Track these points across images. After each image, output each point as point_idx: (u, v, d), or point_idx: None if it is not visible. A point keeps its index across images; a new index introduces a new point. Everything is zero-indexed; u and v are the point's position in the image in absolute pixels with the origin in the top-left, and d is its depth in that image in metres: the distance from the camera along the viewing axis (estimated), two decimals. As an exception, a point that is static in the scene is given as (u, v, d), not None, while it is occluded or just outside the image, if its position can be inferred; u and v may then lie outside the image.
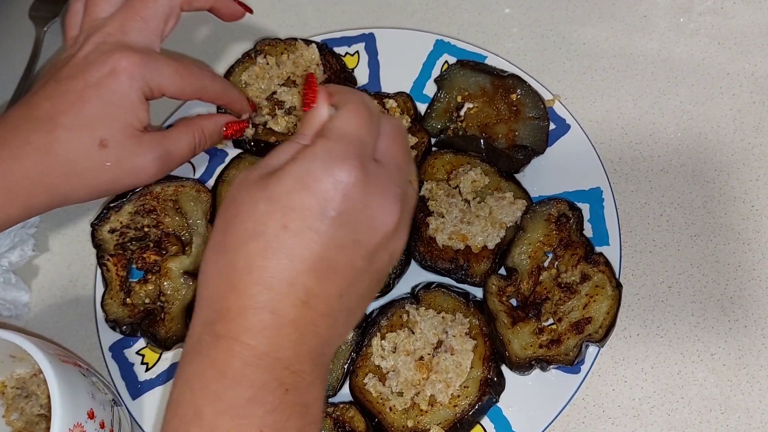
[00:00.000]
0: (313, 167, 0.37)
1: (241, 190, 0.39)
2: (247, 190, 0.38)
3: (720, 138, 0.65)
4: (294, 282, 0.37)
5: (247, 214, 0.37)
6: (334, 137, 0.39)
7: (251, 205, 0.37)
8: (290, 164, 0.38)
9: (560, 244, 0.58)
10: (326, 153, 0.38)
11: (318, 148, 0.38)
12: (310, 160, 0.38)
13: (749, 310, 0.59)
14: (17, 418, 0.58)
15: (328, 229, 0.37)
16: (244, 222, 0.37)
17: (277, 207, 0.37)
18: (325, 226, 0.37)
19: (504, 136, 0.64)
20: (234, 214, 0.38)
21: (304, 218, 0.37)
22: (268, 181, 0.38)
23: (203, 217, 0.63)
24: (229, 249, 0.38)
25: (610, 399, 0.57)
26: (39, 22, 0.75)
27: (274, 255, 0.36)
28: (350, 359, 0.57)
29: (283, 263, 0.36)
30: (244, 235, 0.37)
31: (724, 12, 0.70)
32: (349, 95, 0.41)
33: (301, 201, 0.37)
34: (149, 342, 0.59)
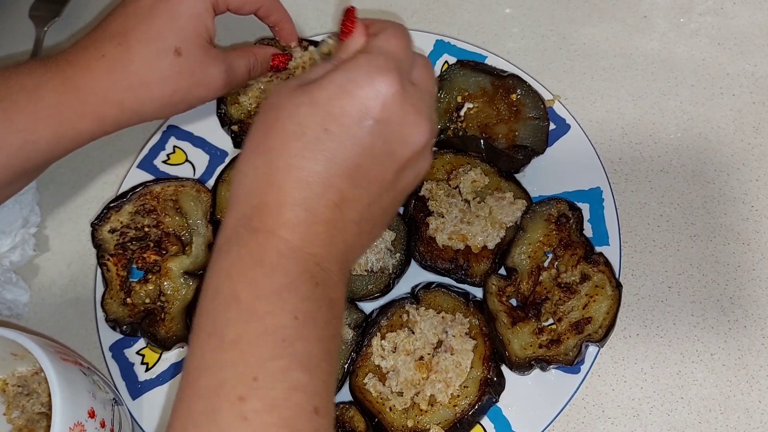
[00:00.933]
0: (356, 75, 0.39)
1: (280, 97, 0.40)
2: (287, 96, 0.40)
3: (720, 138, 0.65)
4: (330, 184, 0.38)
5: (288, 117, 0.39)
6: (375, 52, 0.41)
7: (293, 108, 0.39)
8: (332, 72, 0.40)
9: (560, 244, 0.59)
10: (368, 64, 0.39)
11: (361, 60, 0.40)
12: (353, 69, 0.39)
13: (749, 311, 0.59)
14: (18, 416, 0.58)
15: (366, 136, 0.39)
16: (284, 124, 0.39)
17: (318, 110, 0.38)
18: (363, 132, 0.39)
19: (504, 136, 0.64)
20: (275, 117, 0.40)
21: (343, 123, 0.38)
22: (309, 86, 0.39)
23: (203, 217, 0.63)
24: (269, 149, 0.39)
25: (609, 399, 0.57)
26: (39, 21, 0.74)
27: (314, 156, 0.38)
28: (350, 359, 0.57)
29: (321, 165, 0.38)
30: (285, 135, 0.39)
31: (725, 12, 0.70)
32: (387, 22, 0.44)
33: (342, 106, 0.38)
34: (149, 342, 0.59)
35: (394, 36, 0.42)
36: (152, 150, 0.67)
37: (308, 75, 0.41)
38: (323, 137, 0.38)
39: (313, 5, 0.76)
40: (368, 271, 0.60)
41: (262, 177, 0.39)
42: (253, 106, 0.66)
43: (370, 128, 0.39)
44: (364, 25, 0.43)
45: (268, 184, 0.39)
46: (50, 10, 0.75)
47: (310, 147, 0.38)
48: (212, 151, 0.68)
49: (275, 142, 0.39)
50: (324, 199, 0.38)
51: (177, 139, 0.68)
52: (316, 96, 0.39)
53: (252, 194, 0.39)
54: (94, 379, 0.53)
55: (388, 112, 0.39)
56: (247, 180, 0.40)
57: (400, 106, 0.39)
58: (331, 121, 0.38)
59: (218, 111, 0.66)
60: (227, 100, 0.66)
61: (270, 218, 0.38)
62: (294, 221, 0.38)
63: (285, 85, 0.41)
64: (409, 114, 0.40)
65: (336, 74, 0.39)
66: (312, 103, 0.39)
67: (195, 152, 0.68)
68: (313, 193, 0.38)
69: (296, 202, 0.38)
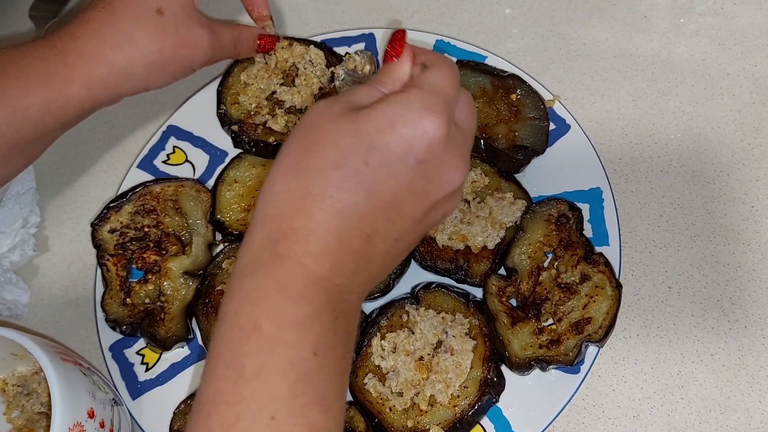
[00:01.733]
0: (406, 112, 0.39)
1: (324, 119, 0.40)
2: (333, 121, 0.39)
3: (720, 138, 0.65)
4: (364, 216, 0.38)
5: (330, 144, 0.38)
6: (427, 90, 0.40)
7: (337, 135, 0.38)
8: (382, 104, 0.39)
9: (560, 244, 0.58)
10: (420, 102, 0.39)
11: (412, 96, 0.40)
12: (404, 105, 0.39)
13: (749, 311, 0.59)
14: (18, 416, 0.58)
15: (406, 173, 0.39)
16: (326, 150, 0.38)
17: (363, 142, 0.38)
18: (404, 169, 0.39)
19: (504, 136, 0.64)
20: (316, 140, 0.39)
21: (387, 159, 0.38)
22: (357, 116, 0.39)
23: (203, 217, 0.63)
24: (306, 173, 0.38)
25: (609, 399, 0.57)
26: (39, 22, 0.74)
27: (351, 188, 0.38)
28: (350, 359, 0.57)
29: (359, 197, 0.38)
30: (325, 163, 0.38)
31: (725, 13, 0.70)
32: (440, 57, 0.44)
33: (387, 142, 0.38)
34: (149, 342, 0.59)
35: (447, 75, 0.42)
36: (152, 150, 0.67)
37: (353, 97, 0.41)
38: (363, 170, 0.38)
39: (313, 5, 0.76)
40: (368, 272, 0.60)
41: (295, 201, 0.38)
42: (252, 105, 0.66)
43: (411, 166, 0.39)
44: (411, 51, 0.43)
45: (301, 209, 0.38)
46: (50, 10, 0.75)
47: (349, 179, 0.38)
48: (212, 151, 0.68)
49: (313, 166, 0.38)
50: (356, 231, 0.38)
51: (177, 139, 0.68)
52: (362, 127, 0.38)
53: (281, 217, 0.38)
54: (93, 379, 0.53)
55: (431, 153, 0.39)
56: (278, 201, 0.39)
57: (443, 148, 0.40)
58: (373, 155, 0.38)
59: (218, 111, 0.66)
60: (227, 100, 0.66)
61: (298, 245, 0.37)
62: (324, 250, 0.37)
63: (329, 105, 0.40)
64: (450, 156, 0.41)
65: (386, 107, 0.39)
66: (357, 133, 0.38)
67: (195, 152, 0.68)
68: (347, 224, 0.38)
69: (329, 231, 0.37)
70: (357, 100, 0.41)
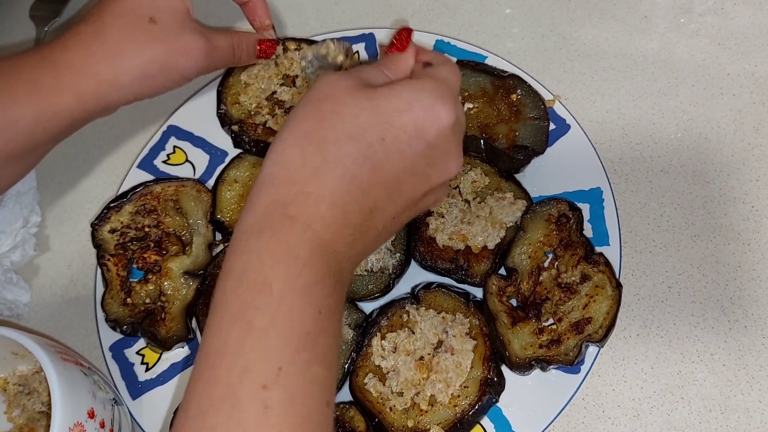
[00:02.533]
0: (423, 97, 0.41)
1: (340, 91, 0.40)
2: (350, 94, 0.40)
3: (720, 138, 0.65)
4: (369, 191, 0.40)
5: (349, 116, 0.39)
6: (440, 80, 0.43)
7: (356, 109, 0.40)
8: (398, 86, 0.41)
9: (560, 244, 0.59)
10: (435, 90, 0.41)
11: (427, 84, 0.42)
12: (420, 90, 0.41)
13: (749, 311, 0.59)
14: (19, 415, 0.58)
15: (414, 155, 0.41)
16: (343, 121, 0.39)
17: (380, 119, 0.40)
18: (413, 151, 0.40)
19: (504, 136, 0.64)
20: (332, 110, 0.40)
21: (399, 138, 0.40)
22: (374, 93, 0.40)
23: (203, 217, 0.63)
24: (322, 140, 0.39)
25: (609, 399, 0.57)
26: (39, 22, 0.75)
27: (363, 161, 0.39)
28: (350, 359, 0.57)
29: (367, 172, 0.39)
30: (342, 133, 0.39)
31: (725, 13, 0.70)
32: (444, 56, 0.47)
33: (403, 121, 0.40)
34: (149, 342, 0.59)
35: (454, 72, 0.45)
36: (152, 150, 0.67)
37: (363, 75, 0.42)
38: (377, 145, 0.39)
39: (313, 5, 0.76)
40: (368, 271, 0.60)
41: (309, 166, 0.39)
42: (252, 105, 0.66)
43: (420, 149, 0.41)
44: (416, 48, 0.46)
45: (314, 175, 0.39)
46: (50, 10, 0.75)
47: (363, 152, 0.39)
48: (212, 151, 0.68)
49: (330, 135, 0.39)
50: (359, 205, 0.39)
51: (177, 139, 0.68)
52: (381, 104, 0.40)
53: (293, 180, 0.39)
54: (94, 379, 0.53)
55: (440, 139, 0.41)
56: (291, 164, 0.39)
57: (450, 137, 0.42)
58: (388, 132, 0.40)
59: (218, 111, 0.66)
60: (227, 100, 0.66)
61: (308, 209, 0.38)
62: (330, 219, 0.39)
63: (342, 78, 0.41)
64: (454, 146, 0.43)
65: (404, 89, 0.41)
66: (375, 109, 0.40)
67: (195, 152, 0.68)
68: (353, 197, 0.39)
69: (336, 201, 0.39)
70: (368, 78, 0.42)
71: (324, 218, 0.38)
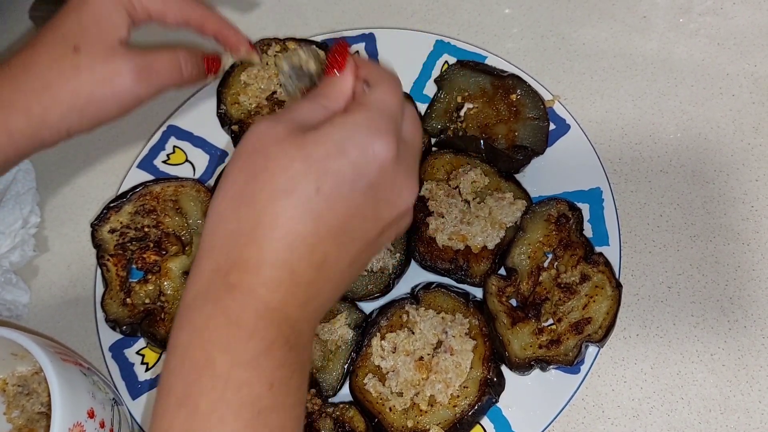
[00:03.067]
0: (355, 136, 0.38)
1: (269, 143, 0.38)
2: (279, 145, 0.38)
3: (719, 138, 0.65)
4: (315, 245, 0.37)
5: (279, 170, 0.37)
6: (375, 110, 0.39)
7: (286, 161, 0.37)
8: (329, 128, 0.38)
9: (560, 244, 0.59)
10: (368, 124, 0.38)
11: (360, 118, 0.39)
12: (352, 128, 0.38)
13: (749, 311, 0.59)
14: (18, 416, 0.58)
15: (358, 198, 0.38)
16: (274, 177, 0.37)
17: (313, 169, 0.37)
18: (355, 195, 0.38)
19: (504, 136, 0.64)
20: (263, 166, 0.37)
21: (337, 184, 0.37)
22: (304, 140, 0.37)
23: (203, 217, 0.63)
24: (255, 201, 0.37)
25: (609, 399, 0.57)
26: (39, 21, 0.75)
27: (302, 216, 0.36)
28: (350, 359, 0.57)
29: (309, 226, 0.37)
30: (274, 189, 0.37)
31: (724, 12, 0.70)
32: (383, 72, 0.42)
33: (338, 167, 0.37)
34: (149, 342, 0.60)
35: (391, 92, 0.41)
36: (152, 150, 0.67)
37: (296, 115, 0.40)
38: (314, 198, 0.37)
39: (313, 5, 0.76)
40: (368, 271, 0.60)
41: (245, 230, 0.37)
42: (252, 105, 0.66)
43: (363, 191, 0.38)
44: (354, 64, 0.42)
45: (251, 239, 0.36)
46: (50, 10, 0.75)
47: (300, 206, 0.36)
48: (212, 151, 0.68)
49: (262, 193, 0.37)
50: (307, 261, 0.37)
51: (177, 139, 0.68)
52: (311, 152, 0.37)
53: (231, 246, 0.37)
54: (94, 379, 0.53)
55: (382, 176, 0.38)
56: (227, 230, 0.37)
57: (393, 170, 0.39)
58: (324, 181, 0.37)
59: (218, 111, 0.66)
60: (227, 100, 0.66)
61: (249, 276, 0.36)
62: (275, 282, 0.36)
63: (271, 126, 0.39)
64: (401, 177, 0.40)
65: (334, 131, 0.38)
66: (306, 159, 0.37)
67: (195, 152, 0.68)
68: (297, 255, 0.37)
69: (279, 262, 0.36)
70: (300, 118, 0.39)
71: (268, 282, 0.36)
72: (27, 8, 0.76)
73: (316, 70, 0.51)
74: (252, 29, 0.74)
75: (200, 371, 0.35)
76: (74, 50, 0.50)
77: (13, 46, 0.78)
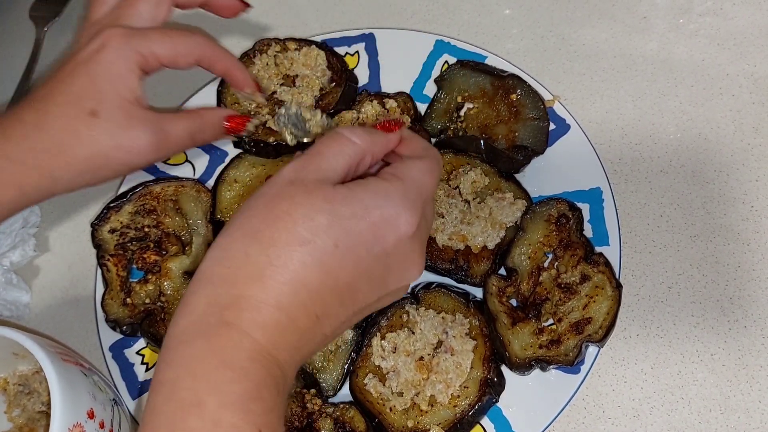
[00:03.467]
0: (384, 204, 0.39)
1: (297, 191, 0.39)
2: (307, 195, 0.38)
3: (719, 139, 0.65)
4: (318, 297, 0.38)
5: (303, 219, 0.37)
6: (409, 185, 0.41)
7: (311, 211, 0.38)
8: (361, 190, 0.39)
9: (560, 244, 0.59)
10: (400, 197, 0.40)
11: (393, 188, 0.40)
12: (384, 196, 0.39)
13: (749, 311, 0.59)
14: (19, 415, 0.58)
15: (370, 263, 0.39)
16: (297, 224, 0.37)
17: (336, 225, 0.38)
18: (369, 259, 0.39)
19: (504, 136, 0.64)
20: (286, 211, 0.38)
21: (355, 245, 0.38)
22: (333, 194, 0.39)
23: (203, 217, 0.63)
24: (270, 242, 0.37)
25: (609, 399, 0.57)
26: (39, 22, 0.75)
27: (314, 266, 0.37)
28: (350, 359, 0.57)
29: (319, 277, 0.37)
30: (294, 236, 0.37)
31: (724, 13, 0.70)
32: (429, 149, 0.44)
33: (360, 228, 0.38)
34: (149, 342, 0.59)
35: (431, 173, 0.42)
36: (152, 150, 0.67)
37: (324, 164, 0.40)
38: (330, 252, 0.37)
39: (313, 5, 0.76)
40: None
41: (253, 267, 0.37)
42: (253, 105, 0.66)
43: (376, 255, 0.39)
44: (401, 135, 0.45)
45: (258, 277, 0.36)
46: (50, 10, 0.75)
47: (314, 257, 0.37)
48: (212, 151, 0.68)
49: (280, 238, 0.37)
50: (307, 310, 0.37)
51: (177, 140, 0.68)
52: (338, 209, 0.38)
53: (233, 281, 0.37)
54: (94, 379, 0.53)
55: (399, 247, 0.40)
56: (233, 262, 0.37)
57: (410, 245, 0.40)
58: (344, 239, 0.38)
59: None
60: (227, 100, 0.66)
61: (248, 315, 0.36)
62: (272, 324, 0.36)
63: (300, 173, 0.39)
64: (414, 253, 0.41)
65: (365, 194, 0.39)
66: (332, 214, 0.38)
67: (195, 152, 0.68)
68: (300, 302, 0.37)
69: (280, 306, 0.36)
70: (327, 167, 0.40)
71: (266, 325, 0.36)
72: (27, 8, 0.76)
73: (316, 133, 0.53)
74: (252, 29, 0.74)
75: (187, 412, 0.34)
76: (91, 114, 0.49)
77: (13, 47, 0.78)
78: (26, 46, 0.74)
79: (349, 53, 0.69)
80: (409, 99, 0.66)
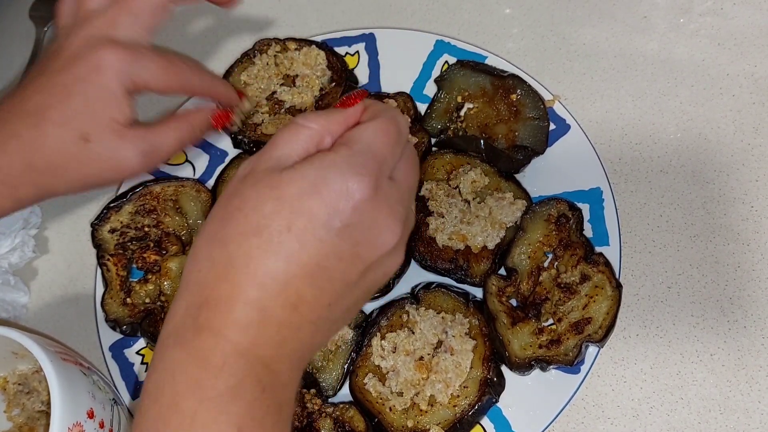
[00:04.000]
0: (330, 175, 0.37)
1: (246, 185, 0.38)
2: (254, 186, 0.38)
3: (720, 139, 0.65)
4: (288, 284, 0.36)
5: (252, 210, 0.37)
6: (357, 149, 0.39)
7: (258, 202, 0.37)
8: (305, 166, 0.38)
9: (560, 244, 0.59)
10: (346, 163, 0.38)
11: (338, 157, 0.38)
12: (328, 167, 0.37)
13: (748, 311, 0.59)
14: (18, 414, 0.58)
15: (332, 238, 0.37)
16: (247, 216, 0.37)
17: (285, 207, 0.37)
18: (330, 235, 0.37)
19: (504, 136, 0.64)
20: (237, 207, 0.38)
21: (310, 224, 0.36)
22: (279, 179, 0.37)
23: (203, 217, 0.63)
24: (228, 240, 0.37)
25: (609, 399, 0.57)
26: (39, 22, 0.75)
27: (274, 254, 0.36)
28: (350, 359, 0.57)
29: (281, 264, 0.36)
30: (247, 229, 0.37)
31: (724, 13, 0.70)
32: (384, 111, 0.42)
33: (310, 206, 0.37)
34: (149, 342, 0.59)
35: (383, 132, 0.40)
36: (152, 150, 0.67)
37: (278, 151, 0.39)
38: (285, 235, 0.36)
39: (313, 5, 0.76)
40: (368, 271, 0.60)
41: (219, 268, 0.37)
42: (252, 105, 0.66)
43: (338, 230, 0.37)
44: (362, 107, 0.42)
45: (223, 276, 0.37)
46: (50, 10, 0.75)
47: (272, 244, 0.36)
48: (212, 151, 0.68)
49: (234, 234, 0.37)
50: (280, 300, 0.36)
51: (177, 139, 0.68)
52: (284, 191, 0.37)
53: (204, 285, 0.37)
54: (94, 379, 0.53)
55: (358, 216, 0.37)
56: (201, 269, 0.38)
57: (371, 209, 0.38)
58: (295, 220, 0.36)
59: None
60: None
61: (219, 314, 0.36)
62: (245, 321, 0.36)
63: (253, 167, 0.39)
64: (381, 215, 0.39)
65: (310, 169, 0.37)
66: (279, 198, 0.37)
67: (195, 152, 0.68)
68: (269, 293, 0.36)
69: (249, 301, 0.36)
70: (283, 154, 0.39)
71: (238, 322, 0.36)
72: (27, 8, 0.76)
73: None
74: (252, 29, 0.74)
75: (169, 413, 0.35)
76: (84, 139, 0.50)
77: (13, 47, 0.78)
78: (26, 46, 0.74)
79: (349, 53, 0.69)
80: (409, 99, 0.66)
